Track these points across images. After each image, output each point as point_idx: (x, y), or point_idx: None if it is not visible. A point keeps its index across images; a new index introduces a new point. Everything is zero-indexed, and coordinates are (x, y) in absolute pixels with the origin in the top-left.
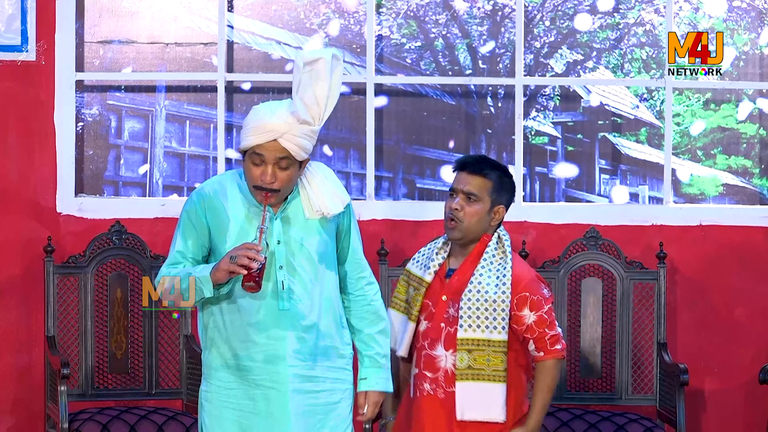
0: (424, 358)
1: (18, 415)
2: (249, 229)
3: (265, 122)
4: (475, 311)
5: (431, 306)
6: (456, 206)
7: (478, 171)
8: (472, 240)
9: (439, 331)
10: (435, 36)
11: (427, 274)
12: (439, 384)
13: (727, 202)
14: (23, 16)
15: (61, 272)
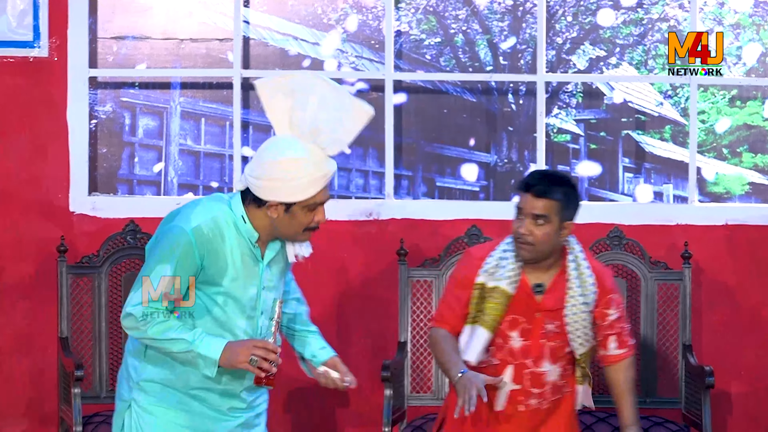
0: (530, 375)
1: (31, 418)
2: (243, 272)
3: (322, 169)
4: (582, 329)
5: (524, 322)
6: (525, 231)
7: (543, 193)
8: (544, 258)
9: (540, 348)
10: (455, 32)
11: (508, 286)
12: (545, 397)
13: (754, 201)
14: (35, 12)
15: (75, 272)
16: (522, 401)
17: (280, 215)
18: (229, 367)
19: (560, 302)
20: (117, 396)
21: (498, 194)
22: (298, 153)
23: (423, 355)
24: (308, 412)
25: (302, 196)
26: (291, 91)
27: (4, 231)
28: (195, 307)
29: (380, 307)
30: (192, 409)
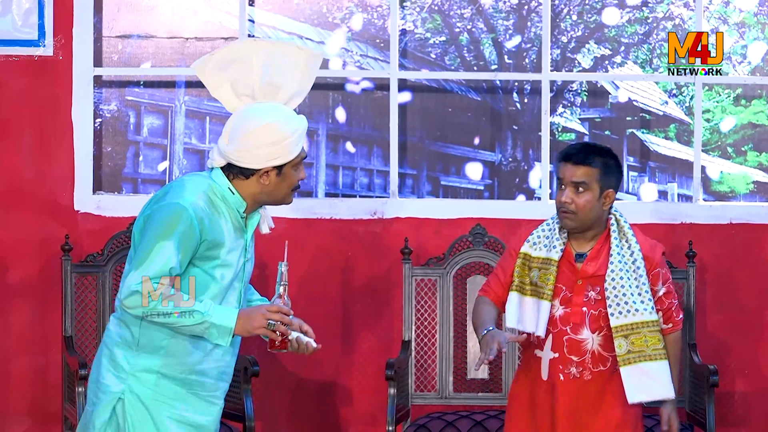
0: (567, 342)
1: (35, 417)
2: (236, 242)
3: (303, 124)
4: (621, 297)
5: (565, 290)
6: (566, 199)
7: (582, 161)
8: (587, 228)
9: (581, 316)
10: (460, 30)
11: (553, 253)
12: (586, 366)
13: (758, 199)
14: (40, 10)
15: (79, 271)
16: (561, 370)
17: (272, 180)
18: (245, 334)
19: (602, 269)
20: (98, 389)
21: (503, 193)
22: (273, 116)
23: (427, 353)
24: (312, 410)
25: (291, 156)
26: (229, 63)
27: (9, 230)
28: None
29: (384, 305)
30: (186, 399)
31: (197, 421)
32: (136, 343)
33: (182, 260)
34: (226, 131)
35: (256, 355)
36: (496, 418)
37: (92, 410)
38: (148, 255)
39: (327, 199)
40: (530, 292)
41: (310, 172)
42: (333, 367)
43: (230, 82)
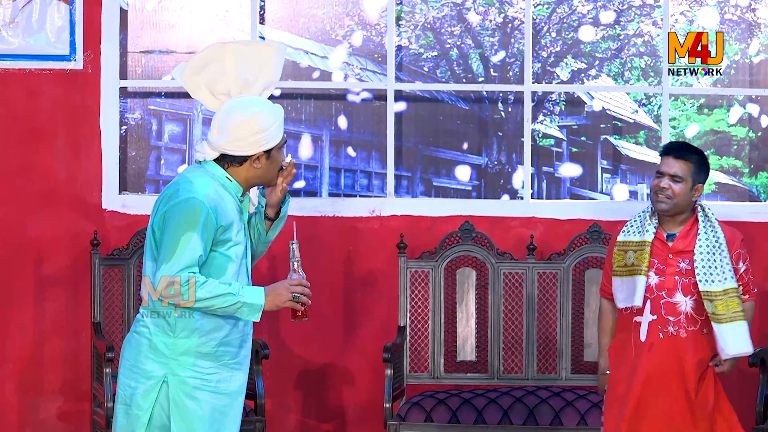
0: (664, 305)
1: (66, 395)
2: (240, 229)
3: (282, 111)
4: (708, 268)
5: (658, 263)
6: (664, 185)
7: (681, 156)
8: (677, 212)
9: (674, 282)
10: (450, 46)
11: (647, 236)
12: (681, 325)
13: (719, 199)
14: (71, 28)
15: (107, 264)
16: (660, 329)
17: (263, 164)
18: (274, 308)
19: (691, 244)
20: (139, 375)
21: (489, 193)
22: (257, 107)
23: (421, 338)
24: (317, 389)
25: (277, 140)
26: (204, 67)
27: (44, 226)
28: (213, 270)
29: (382, 294)
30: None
31: (228, 389)
32: (173, 330)
33: (206, 248)
34: (215, 126)
35: (266, 339)
36: (483, 396)
37: (132, 393)
38: (175, 248)
39: (330, 199)
40: (627, 273)
41: (315, 174)
42: (335, 350)
43: (207, 84)
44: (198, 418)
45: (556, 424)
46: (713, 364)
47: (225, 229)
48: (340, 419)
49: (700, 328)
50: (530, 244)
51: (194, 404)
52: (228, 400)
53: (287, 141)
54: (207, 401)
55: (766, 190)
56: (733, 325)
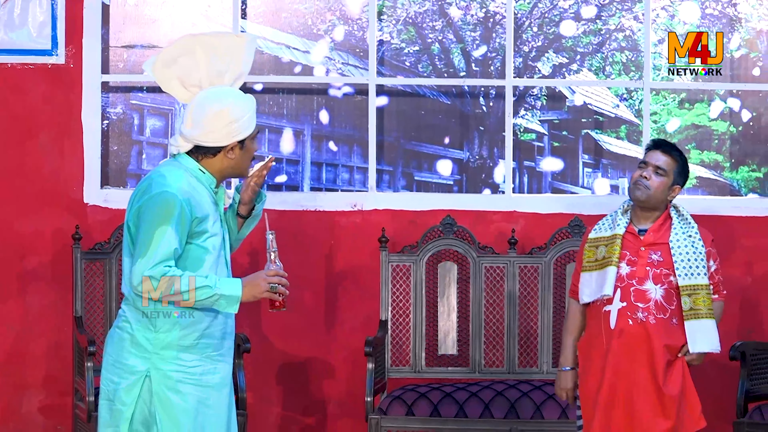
0: (634, 293)
1: (49, 389)
2: (216, 220)
3: (254, 102)
4: (687, 261)
5: (629, 255)
6: (646, 175)
7: (668, 151)
8: (651, 206)
9: (645, 272)
10: (432, 41)
11: (618, 229)
12: (651, 312)
13: (700, 193)
14: (53, 23)
15: (88, 258)
16: (630, 316)
17: (237, 154)
18: (251, 299)
19: (663, 237)
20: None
21: (470, 187)
22: (230, 98)
23: (402, 332)
24: (299, 383)
25: (250, 130)
26: (175, 59)
27: (25, 220)
28: (190, 262)
29: (364, 288)
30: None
31: (211, 381)
32: (154, 324)
33: (181, 241)
34: (188, 118)
35: (248, 333)
36: (464, 390)
37: (115, 388)
38: (150, 242)
39: (312, 193)
40: (597, 267)
41: (297, 168)
42: (317, 343)
43: (178, 76)
44: (182, 411)
45: (537, 417)
46: (682, 354)
47: (200, 221)
48: (321, 413)
49: (669, 318)
50: (511, 239)
51: (178, 398)
52: (212, 392)
53: (267, 134)
54: (191, 394)
55: (747, 185)
56: (707, 321)
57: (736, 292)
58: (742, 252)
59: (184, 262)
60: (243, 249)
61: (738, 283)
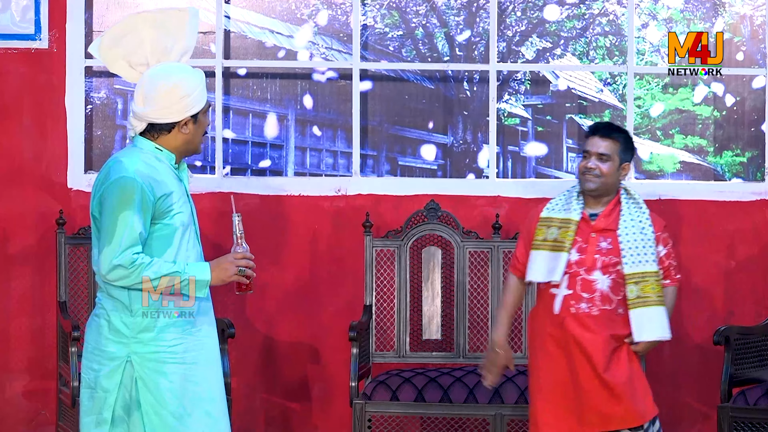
0: (581, 282)
1: (33, 374)
2: (181, 196)
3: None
4: (635, 249)
5: (581, 241)
6: (592, 165)
7: (607, 135)
8: (604, 192)
9: (593, 261)
10: (415, 25)
11: (573, 215)
12: (594, 303)
13: (684, 178)
14: (36, 7)
15: (72, 243)
16: (573, 305)
17: (191, 128)
18: (220, 283)
19: (613, 224)
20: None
21: (454, 172)
22: (180, 74)
23: (386, 316)
24: (283, 368)
25: (202, 103)
26: (120, 39)
27: (9, 205)
28: (159, 242)
29: (348, 273)
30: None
31: (197, 359)
32: (131, 309)
33: (146, 223)
34: (139, 96)
35: (231, 318)
36: (448, 375)
37: (96, 376)
38: (115, 229)
39: (295, 178)
40: (549, 248)
41: (281, 153)
42: (301, 328)
43: (124, 56)
44: (168, 391)
45: (522, 402)
46: (629, 341)
47: (164, 198)
48: (305, 398)
49: (615, 308)
50: (495, 223)
51: (164, 378)
52: (199, 369)
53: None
54: (176, 373)
55: (731, 169)
56: (657, 309)
57: (719, 276)
58: (726, 236)
59: (153, 242)
60: None
61: (721, 268)
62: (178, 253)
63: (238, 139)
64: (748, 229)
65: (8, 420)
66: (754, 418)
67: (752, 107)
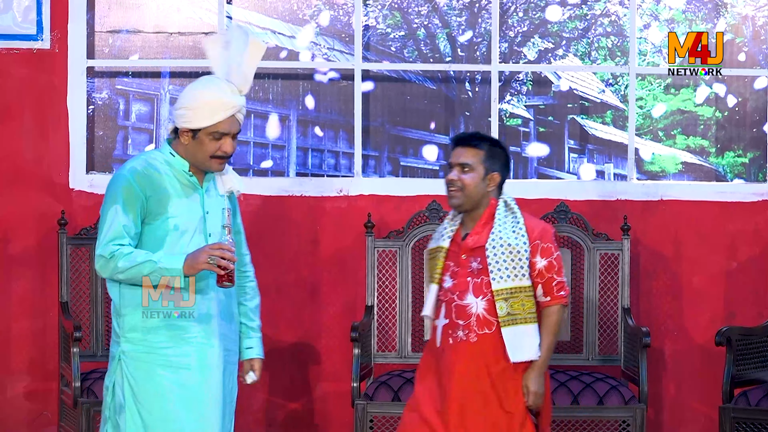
0: (455, 309)
1: (34, 375)
2: (187, 200)
3: (225, 101)
4: (502, 263)
5: (453, 266)
6: (453, 177)
7: (468, 143)
8: (472, 206)
9: (466, 284)
10: (417, 26)
11: (442, 241)
12: (471, 329)
13: (686, 178)
14: (38, 8)
15: (74, 243)
16: (451, 334)
17: (189, 142)
18: (193, 272)
19: (482, 241)
20: (109, 357)
21: None
22: (200, 84)
23: (388, 317)
24: (285, 369)
25: (200, 123)
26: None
27: (10, 205)
28: (150, 241)
29: (350, 274)
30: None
31: (183, 362)
32: (120, 307)
33: (134, 219)
34: None
35: None
36: None
37: (107, 374)
38: (104, 223)
39: (297, 178)
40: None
41: (282, 153)
42: (304, 329)
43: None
44: (153, 393)
45: None
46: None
47: (158, 199)
48: (307, 398)
49: (496, 330)
50: None
51: (149, 379)
52: (192, 375)
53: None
54: (163, 375)
55: (733, 170)
56: (527, 327)
57: (721, 277)
58: (727, 237)
59: (145, 241)
60: None
61: (723, 268)
62: None
63: (239, 139)
64: (750, 229)
65: (10, 421)
66: (755, 419)
67: (754, 108)
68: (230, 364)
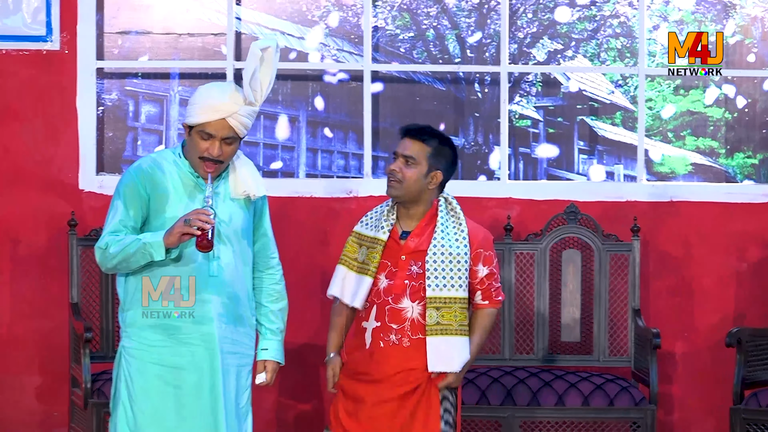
0: (389, 312)
1: (45, 376)
2: (189, 201)
3: (215, 103)
4: (441, 271)
5: (390, 266)
6: (395, 168)
7: (417, 137)
8: (410, 200)
9: (403, 288)
10: (426, 27)
11: (380, 233)
12: (405, 333)
13: (696, 180)
14: (48, 9)
15: (84, 244)
16: (383, 337)
17: (186, 138)
18: (174, 239)
19: (424, 245)
20: None
21: (465, 174)
22: (212, 87)
23: None
24: (295, 369)
25: (191, 119)
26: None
27: (21, 207)
28: None
29: None
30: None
31: (175, 362)
32: (124, 303)
33: (134, 215)
34: None
35: None
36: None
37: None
38: (106, 219)
39: (307, 179)
40: (357, 269)
41: (292, 155)
42: (312, 330)
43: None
44: (142, 389)
45: (534, 404)
46: None
47: (159, 198)
48: (317, 399)
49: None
50: (507, 225)
51: (141, 375)
52: (184, 374)
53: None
54: (156, 374)
55: (742, 171)
56: (457, 339)
57: (730, 278)
58: (737, 238)
59: None
60: None
61: (733, 269)
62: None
63: (249, 140)
64: (760, 231)
65: (21, 422)
66: (766, 420)
67: (763, 109)
68: (235, 367)
